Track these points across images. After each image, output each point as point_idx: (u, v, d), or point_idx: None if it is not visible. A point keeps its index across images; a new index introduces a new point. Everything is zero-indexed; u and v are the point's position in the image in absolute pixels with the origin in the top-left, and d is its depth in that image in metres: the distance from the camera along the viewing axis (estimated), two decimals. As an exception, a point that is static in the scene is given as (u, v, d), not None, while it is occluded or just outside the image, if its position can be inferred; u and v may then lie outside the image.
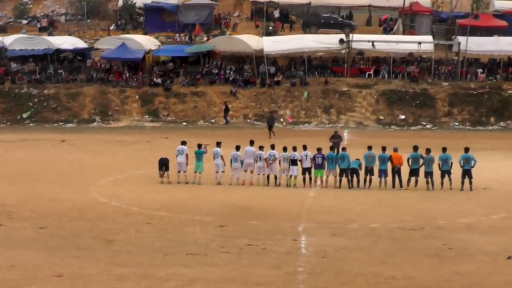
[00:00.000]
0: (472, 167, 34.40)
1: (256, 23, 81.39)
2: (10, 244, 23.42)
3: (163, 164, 35.66)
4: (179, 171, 35.70)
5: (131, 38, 71.93)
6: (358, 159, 35.00)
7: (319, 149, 35.23)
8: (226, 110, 64.56)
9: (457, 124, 64.59)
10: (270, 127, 55.78)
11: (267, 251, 22.80)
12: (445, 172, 34.39)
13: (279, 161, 35.16)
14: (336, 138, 43.49)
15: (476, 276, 20.22)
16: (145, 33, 77.80)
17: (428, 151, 34.81)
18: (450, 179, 34.26)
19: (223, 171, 35.49)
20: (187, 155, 35.53)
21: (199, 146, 36.28)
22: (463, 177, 34.28)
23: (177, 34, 77.68)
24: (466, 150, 35.08)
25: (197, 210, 29.21)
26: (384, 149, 35.44)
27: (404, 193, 33.83)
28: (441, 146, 35.49)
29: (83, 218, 27.63)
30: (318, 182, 35.20)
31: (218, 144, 36.06)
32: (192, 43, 74.82)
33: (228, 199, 31.62)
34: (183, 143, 36.24)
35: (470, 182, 34.19)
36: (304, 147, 35.53)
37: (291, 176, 35.22)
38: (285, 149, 35.41)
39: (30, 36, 75.13)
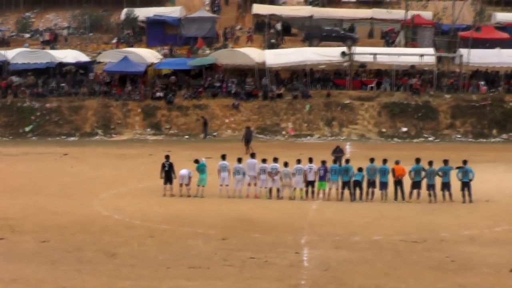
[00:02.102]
0: (471, 180, 34.40)
1: (248, 37, 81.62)
2: (12, 258, 23.42)
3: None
4: (181, 184, 35.73)
5: (133, 52, 72.07)
6: (361, 171, 34.98)
7: (323, 162, 35.27)
8: (205, 124, 64.72)
9: (459, 136, 64.56)
10: (247, 142, 54.20)
11: (269, 264, 22.79)
12: (445, 184, 34.46)
13: (281, 176, 35.17)
14: (338, 153, 43.50)
15: (479, 289, 20.24)
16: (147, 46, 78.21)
17: (430, 163, 34.81)
18: (450, 193, 34.30)
19: (227, 184, 35.51)
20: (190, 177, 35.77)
21: (196, 161, 36.31)
22: (463, 189, 34.28)
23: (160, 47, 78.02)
24: (464, 163, 35.06)
25: (200, 223, 29.21)
26: (385, 161, 35.44)
27: (406, 205, 33.83)
28: (443, 159, 35.46)
29: (86, 231, 27.63)
30: (321, 195, 35.21)
31: (224, 157, 36.05)
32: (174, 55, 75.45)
33: (230, 212, 31.63)
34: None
35: (470, 195, 34.21)
36: (310, 160, 35.51)
37: (295, 188, 35.26)
38: (286, 165, 35.46)
39: (32, 50, 75.30)
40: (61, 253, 24.03)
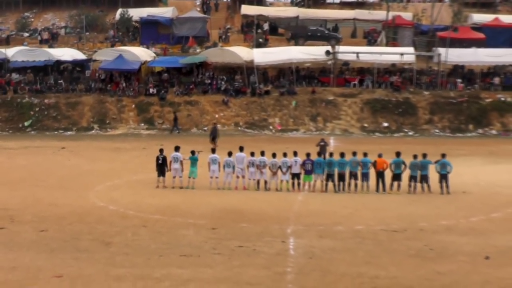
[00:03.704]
0: (448, 172, 34.48)
1: (246, 36, 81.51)
2: (12, 247, 23.36)
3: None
4: (174, 177, 35.68)
5: (127, 50, 71.96)
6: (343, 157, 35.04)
7: (308, 155, 35.28)
8: (175, 119, 64.80)
9: (437, 131, 64.70)
10: (213, 138, 53.16)
11: (257, 252, 22.78)
12: (424, 177, 34.54)
13: (269, 167, 35.18)
14: (323, 145, 43.45)
15: (456, 275, 20.25)
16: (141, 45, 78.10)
17: (414, 157, 34.86)
18: (428, 185, 34.40)
19: (217, 177, 35.48)
20: (181, 161, 35.57)
21: (193, 152, 36.28)
22: (441, 181, 34.36)
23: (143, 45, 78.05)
24: (442, 156, 35.12)
25: (191, 214, 29.17)
26: (365, 154, 35.50)
27: (387, 197, 33.86)
28: (422, 153, 35.48)
29: (82, 221, 27.57)
30: (306, 187, 35.23)
31: (214, 151, 36.06)
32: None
33: (220, 203, 31.58)
34: (177, 149, 36.24)
35: (447, 186, 34.29)
36: (295, 153, 35.50)
37: (282, 181, 35.26)
38: (274, 155, 35.49)
39: (31, 48, 75.25)
40: (59, 242, 23.97)
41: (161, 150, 36.49)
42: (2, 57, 71.33)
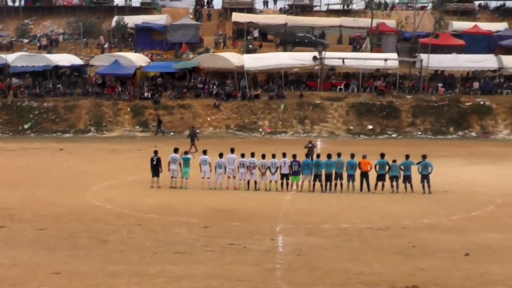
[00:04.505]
0: (430, 172, 34.51)
1: (234, 42, 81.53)
2: (12, 244, 23.28)
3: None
4: (172, 177, 35.61)
5: (123, 56, 71.86)
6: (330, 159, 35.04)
7: (294, 156, 35.24)
8: (159, 122, 64.87)
9: (419, 133, 64.80)
10: (192, 140, 52.41)
11: (247, 249, 22.76)
12: (407, 177, 34.60)
13: (258, 167, 35.16)
14: (310, 147, 43.41)
15: (437, 271, 20.27)
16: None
17: (394, 161, 34.86)
18: (411, 185, 34.45)
19: (209, 177, 35.44)
20: (180, 163, 35.54)
21: (186, 153, 36.24)
22: (422, 182, 34.37)
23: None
24: (424, 157, 35.11)
25: (184, 213, 29.13)
26: (352, 156, 35.47)
27: (372, 196, 33.87)
28: (405, 154, 35.53)
29: (79, 220, 27.50)
30: (294, 187, 35.21)
31: (205, 152, 36.00)
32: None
33: (212, 202, 31.54)
34: (176, 150, 36.21)
35: (429, 186, 34.32)
36: (284, 155, 35.47)
37: (271, 181, 35.23)
38: (263, 157, 35.45)
39: (31, 54, 75.05)
40: (57, 240, 23.90)
41: (155, 152, 36.44)
42: (3, 62, 71.08)
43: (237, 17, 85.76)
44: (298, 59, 70.94)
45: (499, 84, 69.59)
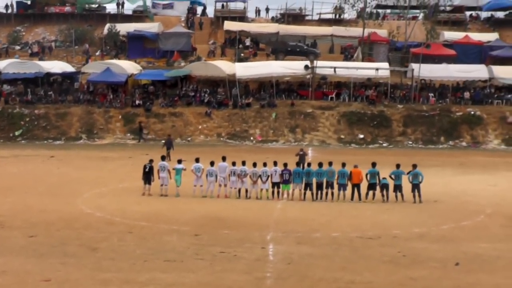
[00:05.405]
0: (420, 182, 34.55)
1: (222, 51, 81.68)
2: (2, 251, 23.19)
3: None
4: (162, 185, 35.57)
5: (115, 63, 71.84)
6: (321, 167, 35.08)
7: (285, 165, 35.25)
8: (141, 129, 65.12)
9: (410, 143, 64.96)
10: (168, 148, 51.90)
11: (238, 258, 22.73)
12: (398, 186, 34.64)
13: (250, 176, 35.14)
14: (301, 155, 43.45)
15: (428, 281, 20.28)
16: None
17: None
18: (402, 194, 34.50)
19: (201, 185, 35.40)
20: (169, 170, 35.51)
21: (179, 161, 36.22)
22: (413, 191, 34.42)
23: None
24: (414, 166, 35.17)
25: (175, 221, 29.08)
26: (343, 165, 35.46)
27: (362, 205, 33.88)
28: (395, 163, 35.61)
29: (70, 227, 27.42)
30: (285, 195, 35.21)
31: (197, 160, 35.91)
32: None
33: (203, 210, 31.50)
34: (163, 158, 36.16)
35: (419, 195, 34.35)
36: (275, 163, 35.49)
37: (262, 189, 35.22)
38: (254, 165, 35.44)
39: (22, 61, 74.97)
40: (47, 247, 23.82)
41: (150, 160, 36.34)
42: (-6, 69, 71.00)
43: (229, 25, 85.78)
44: (290, 68, 71.03)
45: (489, 94, 69.88)
